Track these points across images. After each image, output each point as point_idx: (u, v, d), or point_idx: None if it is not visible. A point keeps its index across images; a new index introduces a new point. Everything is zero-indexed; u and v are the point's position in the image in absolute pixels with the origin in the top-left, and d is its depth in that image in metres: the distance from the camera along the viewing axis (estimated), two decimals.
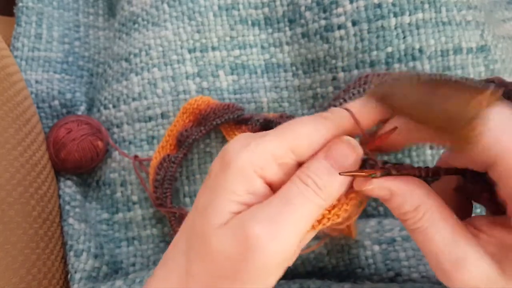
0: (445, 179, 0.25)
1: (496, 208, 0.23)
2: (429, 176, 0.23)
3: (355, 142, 0.23)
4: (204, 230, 0.22)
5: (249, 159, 0.22)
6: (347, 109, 0.24)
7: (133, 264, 0.41)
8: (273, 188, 0.23)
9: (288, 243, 0.21)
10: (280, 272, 0.22)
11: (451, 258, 0.21)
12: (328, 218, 0.23)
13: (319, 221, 0.23)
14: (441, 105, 0.20)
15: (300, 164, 0.23)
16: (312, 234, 0.24)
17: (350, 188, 0.23)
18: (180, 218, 0.39)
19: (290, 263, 0.23)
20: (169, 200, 0.39)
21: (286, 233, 0.21)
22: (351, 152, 0.22)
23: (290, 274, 0.37)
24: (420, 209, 0.22)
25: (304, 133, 0.23)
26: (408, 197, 0.22)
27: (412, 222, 0.22)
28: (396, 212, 0.23)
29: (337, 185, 0.22)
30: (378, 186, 0.22)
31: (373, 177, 0.22)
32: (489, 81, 0.32)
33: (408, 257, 0.34)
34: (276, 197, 0.22)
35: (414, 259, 0.34)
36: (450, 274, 0.21)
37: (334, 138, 0.23)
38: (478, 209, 0.35)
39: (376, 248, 0.35)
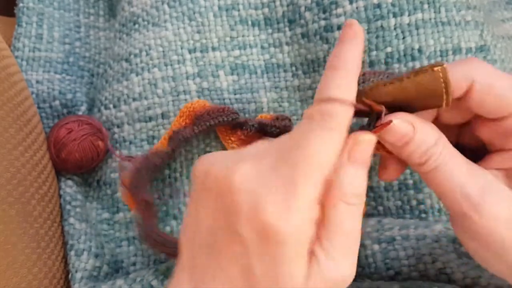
0: None
1: None
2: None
3: (369, 136, 0.23)
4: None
5: (300, 221, 0.20)
6: (335, 100, 0.23)
7: (134, 264, 0.42)
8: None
9: (355, 265, 0.22)
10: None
11: (477, 185, 0.21)
12: None
13: None
14: (415, 88, 0.22)
15: None
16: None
17: None
18: (149, 210, 0.38)
19: None
20: (141, 189, 0.38)
21: (354, 259, 0.22)
22: (370, 146, 0.23)
23: None
24: (439, 143, 0.22)
25: (329, 159, 0.21)
26: (429, 131, 0.23)
27: (433, 160, 0.22)
28: (418, 151, 0.23)
29: (365, 181, 0.22)
30: (403, 120, 0.23)
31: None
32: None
33: (408, 256, 0.34)
34: (333, 234, 0.21)
35: (414, 258, 0.34)
36: (481, 203, 0.21)
37: (347, 140, 0.22)
38: None
39: (376, 247, 0.35)
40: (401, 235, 0.35)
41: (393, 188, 0.39)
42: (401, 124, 0.23)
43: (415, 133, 0.23)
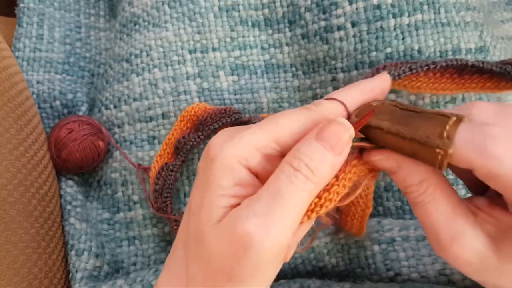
0: None
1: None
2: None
3: (346, 122, 0.23)
4: (198, 230, 0.22)
5: (233, 151, 0.22)
6: (333, 98, 0.24)
7: (134, 264, 0.42)
8: (260, 178, 0.23)
9: (280, 237, 0.21)
10: (277, 264, 0.22)
11: (448, 232, 0.22)
12: (321, 205, 0.22)
13: (312, 210, 0.22)
14: (413, 134, 0.22)
15: (283, 156, 0.23)
16: (308, 226, 0.24)
17: (339, 170, 0.23)
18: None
19: (287, 256, 0.23)
20: (170, 208, 0.39)
21: (278, 227, 0.20)
22: (344, 132, 0.22)
23: (290, 274, 0.37)
24: (424, 184, 0.23)
25: (286, 124, 0.23)
26: (414, 171, 0.23)
27: (415, 196, 0.23)
28: (401, 184, 0.24)
29: (329, 166, 0.22)
30: (387, 157, 0.23)
31: (376, 149, 0.23)
32: (505, 63, 0.33)
33: (407, 257, 0.34)
34: (265, 189, 0.21)
35: (414, 259, 0.34)
36: (446, 247, 0.22)
37: (324, 121, 0.23)
38: None
39: (376, 248, 0.35)
40: (401, 236, 0.35)
41: (393, 188, 0.39)
42: (384, 161, 0.24)
43: (398, 169, 0.23)
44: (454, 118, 0.21)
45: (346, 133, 0.22)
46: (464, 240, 0.22)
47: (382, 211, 0.40)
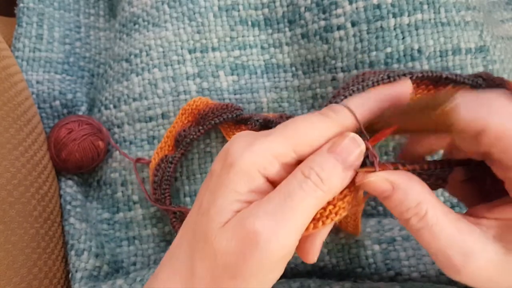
0: (452, 174, 0.26)
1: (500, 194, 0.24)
2: (438, 167, 0.24)
3: (359, 138, 0.23)
4: (207, 230, 0.22)
5: (253, 159, 0.22)
6: (347, 107, 0.24)
7: (134, 263, 0.42)
8: (275, 185, 0.23)
9: (288, 238, 0.21)
10: (281, 268, 0.22)
11: (460, 252, 0.21)
12: (327, 216, 0.23)
13: (322, 221, 0.23)
14: (422, 115, 0.23)
15: (299, 163, 0.23)
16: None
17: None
18: (181, 217, 0.39)
19: (290, 258, 0.23)
20: (168, 200, 0.39)
21: (286, 228, 0.21)
22: (355, 147, 0.23)
23: (291, 273, 0.37)
24: (422, 206, 0.22)
25: (305, 132, 0.23)
26: (410, 192, 0.22)
27: (416, 221, 0.22)
28: (398, 210, 0.23)
29: (339, 178, 0.22)
30: (381, 179, 0.23)
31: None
32: (477, 76, 0.34)
33: (408, 256, 0.34)
34: (276, 192, 0.22)
35: (414, 259, 0.34)
36: (462, 267, 0.21)
37: (337, 135, 0.23)
38: None
39: (376, 247, 0.35)
40: (402, 236, 0.35)
41: None
42: (378, 182, 0.23)
43: (394, 192, 0.23)
44: (450, 87, 0.22)
45: (358, 149, 0.23)
46: (477, 256, 0.21)
47: (382, 211, 0.40)
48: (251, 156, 0.22)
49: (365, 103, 0.24)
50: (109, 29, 0.53)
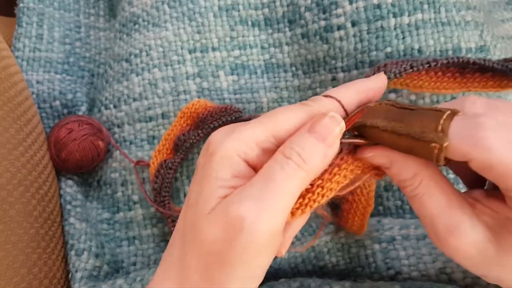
0: None
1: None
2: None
3: (337, 116, 0.23)
4: (194, 220, 0.22)
5: (232, 145, 0.23)
6: (330, 96, 0.25)
7: (134, 263, 0.42)
8: (257, 171, 0.23)
9: (273, 220, 0.21)
10: (269, 252, 0.22)
11: (445, 224, 0.22)
12: (314, 200, 0.23)
13: (306, 204, 0.23)
14: (408, 130, 0.22)
15: None
16: (303, 220, 0.25)
17: (331, 165, 0.24)
18: None
19: (282, 251, 0.24)
20: (168, 206, 0.39)
21: (271, 211, 0.21)
22: (334, 125, 0.23)
23: (291, 273, 0.37)
24: (417, 177, 0.23)
25: (284, 119, 0.23)
26: (406, 166, 0.23)
27: (410, 190, 0.24)
28: (395, 179, 0.24)
29: (320, 156, 0.22)
30: (380, 154, 0.24)
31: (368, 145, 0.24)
32: (507, 60, 0.32)
33: (408, 255, 0.34)
34: (258, 176, 0.22)
35: (414, 258, 0.34)
36: (444, 239, 0.22)
37: (317, 116, 0.23)
38: None
39: (376, 246, 0.35)
40: (401, 235, 0.35)
41: (393, 188, 0.39)
42: (376, 157, 0.24)
43: (392, 165, 0.24)
44: (448, 112, 0.22)
45: (337, 126, 0.23)
46: (461, 231, 0.22)
47: (382, 211, 0.40)
48: (230, 142, 0.23)
49: (344, 93, 0.25)
50: (109, 29, 0.53)
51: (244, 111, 0.43)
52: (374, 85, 0.27)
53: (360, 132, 0.25)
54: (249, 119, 0.39)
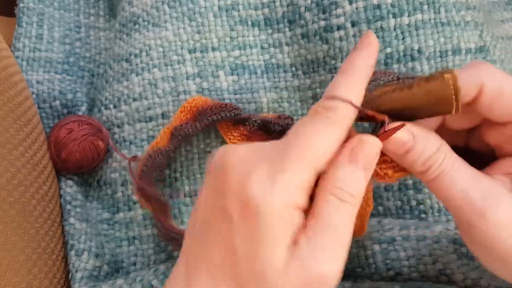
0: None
1: None
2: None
3: (374, 138, 0.23)
4: (260, 272, 0.21)
5: (283, 201, 0.20)
6: (348, 101, 0.23)
7: (134, 264, 0.42)
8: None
9: (342, 264, 0.21)
10: None
11: (481, 193, 0.21)
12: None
13: None
14: (425, 95, 0.22)
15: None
16: None
17: None
18: (162, 208, 0.38)
19: None
20: (151, 189, 0.39)
21: (342, 258, 0.21)
22: (374, 150, 0.22)
23: None
24: (441, 150, 0.23)
25: (320, 147, 0.22)
26: (430, 138, 0.23)
27: (434, 168, 0.22)
28: (421, 160, 0.23)
29: (365, 183, 0.22)
30: (402, 130, 0.23)
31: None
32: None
33: (408, 256, 0.34)
34: (319, 226, 0.21)
35: (414, 259, 0.34)
36: (485, 210, 0.21)
37: (351, 139, 0.23)
38: None
39: (376, 247, 0.35)
40: (402, 236, 0.35)
41: (393, 188, 0.39)
42: (399, 134, 0.23)
43: (416, 141, 0.23)
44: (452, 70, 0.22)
45: (377, 150, 0.23)
46: (498, 199, 0.21)
47: (382, 211, 0.40)
48: (279, 197, 0.20)
49: (355, 87, 0.24)
50: (109, 29, 0.53)
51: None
52: (373, 59, 0.25)
53: (374, 108, 0.24)
54: (248, 117, 0.39)
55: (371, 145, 0.22)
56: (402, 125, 0.23)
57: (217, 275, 0.22)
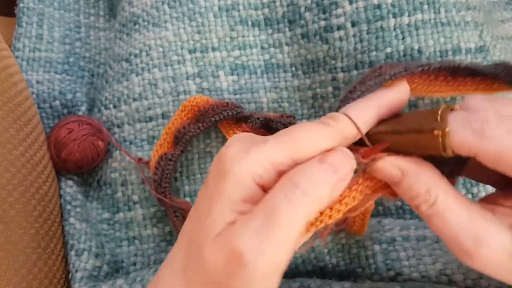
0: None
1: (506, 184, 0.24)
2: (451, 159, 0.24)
3: (350, 153, 0.23)
4: (199, 240, 0.22)
5: (248, 167, 0.21)
6: (347, 116, 0.24)
7: (134, 264, 0.42)
8: (267, 190, 0.22)
9: (275, 256, 0.20)
10: (273, 281, 0.22)
11: (471, 237, 0.21)
12: (321, 220, 0.22)
13: (312, 224, 0.22)
14: (408, 126, 0.23)
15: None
16: (308, 235, 0.24)
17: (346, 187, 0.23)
18: (182, 213, 0.39)
19: (282, 270, 0.23)
20: (168, 198, 0.39)
21: (273, 246, 0.20)
22: (346, 162, 0.22)
23: (291, 273, 0.37)
24: (432, 192, 0.22)
25: (304, 140, 0.22)
26: (420, 178, 0.22)
27: (426, 208, 0.22)
28: (408, 196, 0.23)
29: (329, 188, 0.22)
30: (390, 164, 0.23)
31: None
32: (496, 65, 0.33)
33: (408, 256, 0.34)
34: (260, 207, 0.21)
35: (414, 259, 0.34)
36: (473, 252, 0.21)
37: (338, 144, 0.23)
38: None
39: (377, 247, 0.35)
40: (402, 236, 0.35)
41: None
42: (386, 168, 0.23)
43: (404, 177, 0.23)
44: (444, 106, 0.22)
45: (349, 164, 0.22)
46: (489, 241, 0.21)
47: (382, 211, 0.40)
48: (246, 163, 0.21)
49: (365, 110, 0.24)
50: (109, 29, 0.53)
51: (245, 111, 0.43)
52: (397, 97, 0.25)
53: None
54: (250, 116, 0.39)
55: (345, 152, 0.22)
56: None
57: (180, 241, 0.24)
